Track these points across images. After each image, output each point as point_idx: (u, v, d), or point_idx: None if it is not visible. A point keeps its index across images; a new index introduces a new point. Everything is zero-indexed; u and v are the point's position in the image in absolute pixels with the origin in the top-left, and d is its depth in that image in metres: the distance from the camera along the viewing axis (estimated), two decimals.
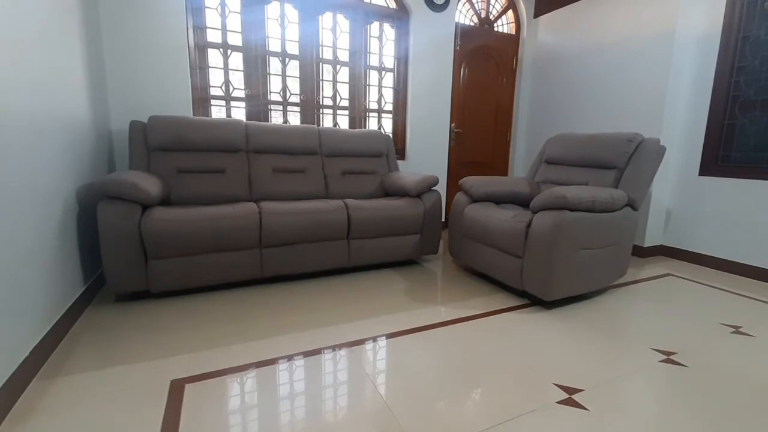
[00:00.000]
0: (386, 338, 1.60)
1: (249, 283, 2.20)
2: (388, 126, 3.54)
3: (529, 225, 1.92)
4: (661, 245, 3.04)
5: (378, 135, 3.08)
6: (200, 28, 2.72)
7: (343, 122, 3.35)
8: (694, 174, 2.81)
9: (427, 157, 3.60)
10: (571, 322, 1.79)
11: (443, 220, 3.70)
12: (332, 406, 1.18)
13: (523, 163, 4.14)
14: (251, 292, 2.08)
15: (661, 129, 2.80)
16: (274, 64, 3.00)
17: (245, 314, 1.80)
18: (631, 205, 2.06)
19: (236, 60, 2.86)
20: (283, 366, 1.39)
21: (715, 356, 1.53)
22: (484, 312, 1.88)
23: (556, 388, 1.28)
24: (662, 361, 1.47)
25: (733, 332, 1.73)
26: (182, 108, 2.65)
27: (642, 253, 2.95)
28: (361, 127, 3.40)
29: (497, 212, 2.16)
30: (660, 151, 2.11)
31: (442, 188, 3.72)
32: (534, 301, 2.02)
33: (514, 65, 3.98)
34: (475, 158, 3.96)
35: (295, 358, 1.44)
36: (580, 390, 1.27)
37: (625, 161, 2.15)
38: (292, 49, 3.03)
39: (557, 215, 1.79)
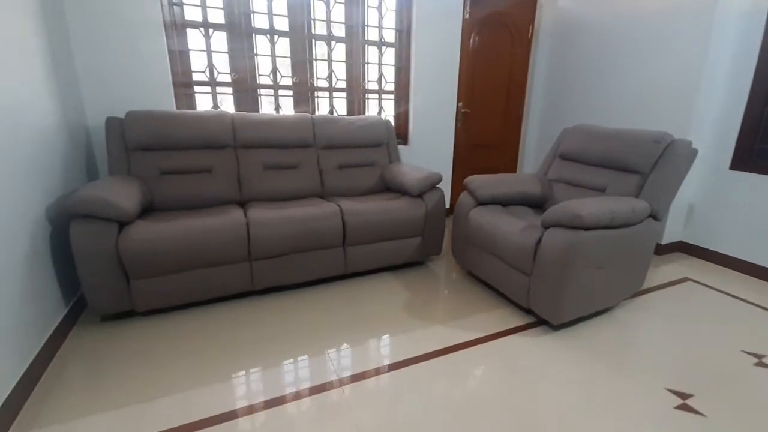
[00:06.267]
0: (377, 375, 1.50)
1: (241, 294, 2.10)
2: (389, 107, 3.27)
3: (539, 241, 1.75)
4: (681, 241, 2.85)
5: (377, 122, 2.84)
6: (177, 5, 2.42)
7: (341, 105, 3.09)
8: (724, 167, 2.55)
9: (432, 140, 3.35)
10: (579, 349, 1.67)
11: (448, 207, 3.53)
12: None
13: (535, 146, 3.86)
14: (243, 306, 1.99)
15: (692, 114, 2.51)
16: (262, 43, 2.72)
17: (234, 337, 1.71)
18: (654, 216, 1.86)
19: (219, 40, 2.58)
20: (265, 414, 1.30)
21: (736, 398, 1.41)
22: (485, 335, 1.76)
23: None
24: (677, 407, 1.35)
25: (756, 364, 1.60)
26: (163, 97, 2.43)
27: (659, 250, 2.78)
28: (360, 111, 3.14)
29: (505, 221, 1.98)
30: (691, 155, 1.87)
31: (447, 174, 3.50)
32: (541, 319, 1.89)
33: (530, 34, 3.59)
34: (484, 140, 3.70)
35: (277, 403, 1.36)
36: None
37: (651, 166, 1.92)
38: (281, 24, 2.72)
39: (570, 235, 1.61)
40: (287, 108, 2.88)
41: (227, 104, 2.71)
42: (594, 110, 3.21)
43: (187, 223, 1.85)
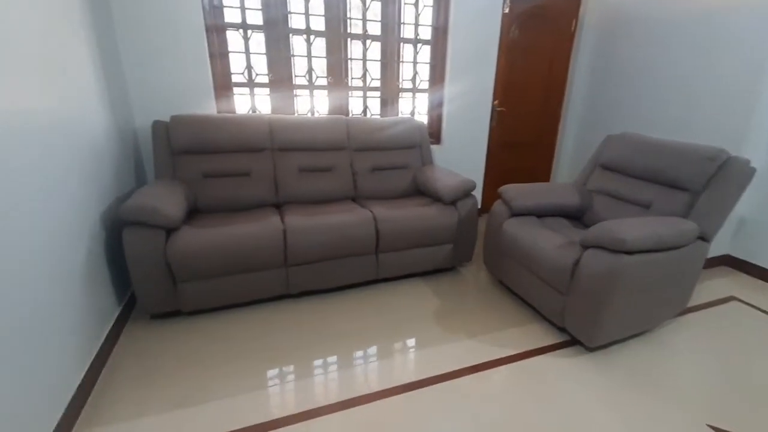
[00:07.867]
0: (404, 391, 1.53)
1: (277, 297, 2.17)
2: (423, 106, 3.22)
3: (577, 261, 1.71)
4: (728, 255, 2.70)
5: (411, 123, 2.81)
6: (217, 8, 2.46)
7: (374, 104, 3.07)
8: None
9: (466, 140, 3.28)
10: (615, 374, 1.65)
11: (479, 207, 3.47)
12: None
13: (573, 148, 3.70)
14: (278, 308, 2.07)
15: (750, 120, 2.33)
16: (299, 44, 2.72)
17: (270, 342, 1.80)
18: (703, 237, 1.77)
19: (257, 42, 2.60)
20: (298, 425, 1.37)
21: None
22: (517, 353, 1.76)
23: None
24: None
25: None
26: (204, 99, 2.49)
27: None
28: (393, 109, 3.11)
29: (541, 236, 1.94)
30: (748, 175, 1.76)
31: (480, 174, 3.44)
32: (575, 338, 1.87)
33: (573, 28, 3.40)
34: (520, 140, 3.59)
35: (309, 416, 1.42)
36: None
37: (703, 184, 1.82)
38: (317, 24, 2.71)
39: (612, 259, 1.56)
40: (322, 108, 2.90)
41: (264, 105, 2.75)
42: (638, 111, 3.04)
43: (228, 230, 1.92)
